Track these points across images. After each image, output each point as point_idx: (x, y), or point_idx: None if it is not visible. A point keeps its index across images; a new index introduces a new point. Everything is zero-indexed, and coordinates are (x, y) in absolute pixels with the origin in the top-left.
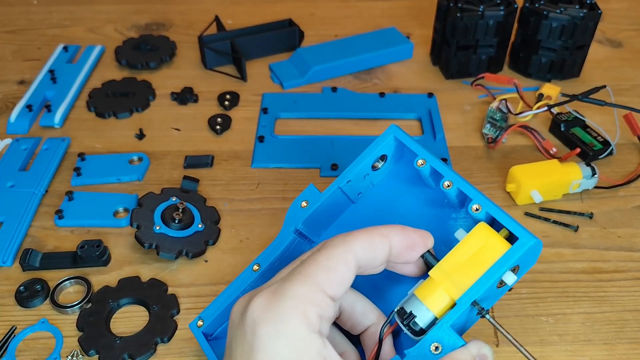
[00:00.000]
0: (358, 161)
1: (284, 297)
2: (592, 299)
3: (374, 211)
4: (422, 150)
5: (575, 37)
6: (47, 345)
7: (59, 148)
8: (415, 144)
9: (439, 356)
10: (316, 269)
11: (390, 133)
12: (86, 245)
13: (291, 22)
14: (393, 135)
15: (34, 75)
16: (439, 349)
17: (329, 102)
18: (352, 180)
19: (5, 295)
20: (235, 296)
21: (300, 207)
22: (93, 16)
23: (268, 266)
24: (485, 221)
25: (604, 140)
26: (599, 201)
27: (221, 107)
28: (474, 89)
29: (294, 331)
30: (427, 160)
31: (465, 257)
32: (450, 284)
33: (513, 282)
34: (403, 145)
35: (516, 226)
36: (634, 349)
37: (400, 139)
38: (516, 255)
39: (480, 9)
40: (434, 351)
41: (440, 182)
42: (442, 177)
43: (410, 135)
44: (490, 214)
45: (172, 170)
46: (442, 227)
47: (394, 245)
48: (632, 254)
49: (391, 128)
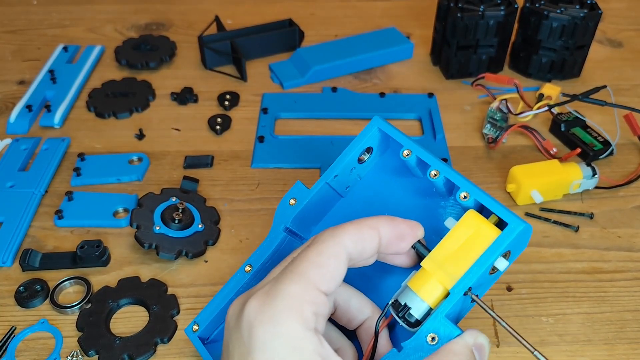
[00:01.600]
0: (344, 155)
1: (278, 297)
2: (592, 299)
3: (364, 204)
4: (407, 140)
5: (576, 37)
6: (46, 345)
7: (59, 148)
8: (400, 134)
9: (436, 347)
10: (307, 266)
11: (374, 125)
12: (86, 246)
13: (291, 22)
14: (377, 127)
15: (34, 75)
16: (436, 339)
17: (329, 102)
18: (339, 174)
19: (5, 296)
20: (229, 298)
21: (288, 205)
22: (93, 16)
23: (260, 266)
24: (474, 208)
25: (604, 140)
26: (599, 201)
27: (221, 107)
28: (474, 89)
29: (290, 331)
30: (412, 150)
31: (456, 246)
32: (442, 274)
33: (505, 268)
34: (388, 137)
35: (505, 212)
36: (634, 349)
37: (384, 130)
38: (507, 240)
39: (480, 9)
40: (431, 342)
41: (427, 172)
42: (429, 166)
43: (394, 127)
44: (478, 200)
45: (172, 170)
46: (432, 216)
47: (383, 236)
48: (632, 254)
49: (375, 120)
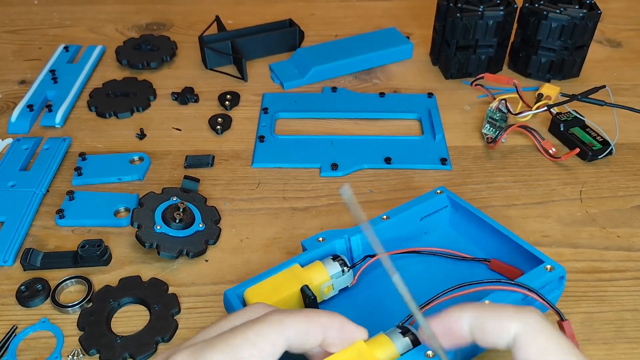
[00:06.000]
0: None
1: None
2: (591, 298)
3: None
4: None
5: (575, 37)
6: (47, 344)
7: (60, 148)
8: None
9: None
10: (242, 342)
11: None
12: (87, 245)
13: (291, 22)
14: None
15: (35, 75)
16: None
17: (329, 102)
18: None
19: (6, 295)
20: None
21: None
22: (94, 16)
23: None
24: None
25: (603, 140)
26: (599, 201)
27: (222, 107)
28: (473, 89)
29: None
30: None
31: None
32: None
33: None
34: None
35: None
36: (633, 349)
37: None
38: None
39: (480, 9)
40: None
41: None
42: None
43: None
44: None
45: (172, 170)
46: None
47: (328, 337)
48: (631, 253)
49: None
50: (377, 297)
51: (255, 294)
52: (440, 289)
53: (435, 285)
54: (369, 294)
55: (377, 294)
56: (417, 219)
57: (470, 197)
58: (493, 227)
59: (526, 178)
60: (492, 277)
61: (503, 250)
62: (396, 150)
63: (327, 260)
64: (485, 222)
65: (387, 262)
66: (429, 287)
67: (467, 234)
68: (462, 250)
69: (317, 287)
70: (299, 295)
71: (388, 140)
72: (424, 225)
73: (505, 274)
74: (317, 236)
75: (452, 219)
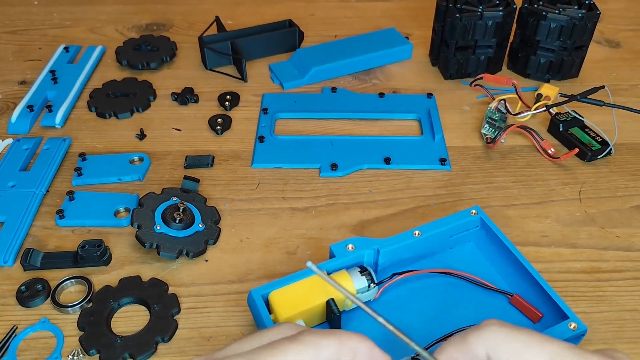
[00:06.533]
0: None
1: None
2: (591, 298)
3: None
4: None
5: (574, 37)
6: (48, 344)
7: (60, 148)
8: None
9: None
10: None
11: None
12: (87, 245)
13: (291, 23)
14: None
15: (35, 75)
16: None
17: (329, 102)
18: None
19: (6, 295)
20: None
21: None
22: (94, 16)
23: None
24: None
25: (602, 140)
26: (598, 201)
27: (221, 108)
28: (472, 90)
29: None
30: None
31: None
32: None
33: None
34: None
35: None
36: (633, 349)
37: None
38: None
39: (479, 9)
40: None
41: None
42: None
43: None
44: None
45: (172, 170)
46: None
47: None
48: (630, 253)
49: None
50: (397, 313)
51: (281, 297)
52: (457, 313)
53: (451, 308)
54: (389, 309)
55: (398, 311)
56: (448, 236)
57: (470, 197)
58: (519, 262)
59: (525, 178)
60: (510, 312)
61: (524, 286)
62: (395, 151)
63: (354, 271)
64: (513, 254)
65: (392, 328)
66: (444, 308)
67: (493, 260)
68: (483, 275)
69: (341, 299)
70: (324, 307)
71: (387, 140)
72: (451, 242)
73: (524, 312)
74: (346, 242)
75: (479, 239)
